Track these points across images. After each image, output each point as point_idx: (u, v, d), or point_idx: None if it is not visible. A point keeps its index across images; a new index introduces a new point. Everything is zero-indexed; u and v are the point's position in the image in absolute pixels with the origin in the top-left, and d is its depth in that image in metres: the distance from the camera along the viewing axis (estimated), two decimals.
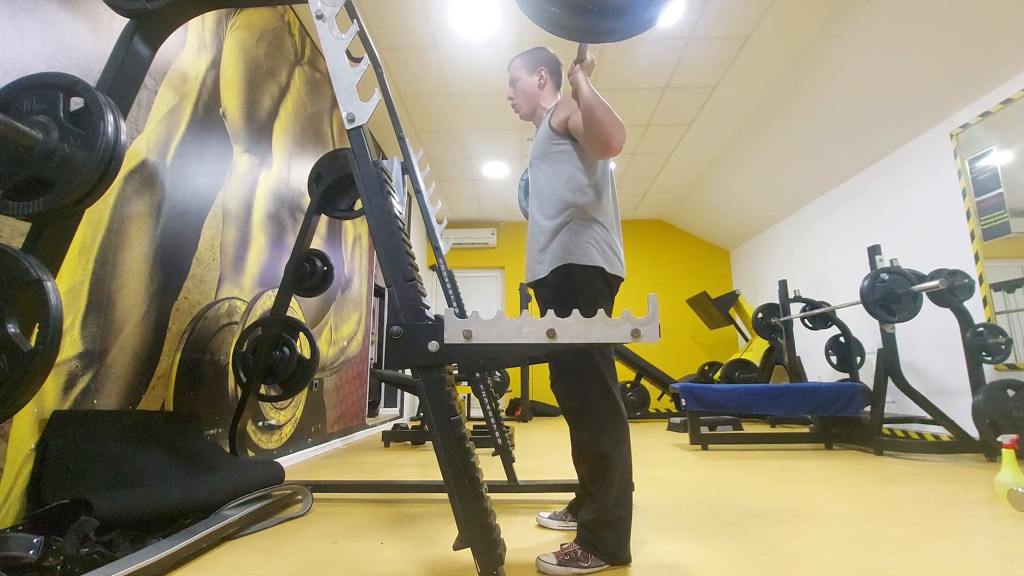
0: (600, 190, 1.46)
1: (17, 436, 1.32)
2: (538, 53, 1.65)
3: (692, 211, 6.69)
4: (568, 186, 1.44)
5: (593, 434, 1.33)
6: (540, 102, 1.63)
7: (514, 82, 1.66)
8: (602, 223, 1.43)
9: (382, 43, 3.50)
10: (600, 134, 1.30)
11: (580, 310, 1.05)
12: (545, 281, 1.43)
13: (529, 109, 1.65)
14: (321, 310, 3.43)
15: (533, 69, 1.63)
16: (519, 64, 1.65)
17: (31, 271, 1.01)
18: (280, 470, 1.97)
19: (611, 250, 1.43)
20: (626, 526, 1.29)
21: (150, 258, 1.84)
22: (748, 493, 2.10)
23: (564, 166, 1.46)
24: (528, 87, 1.63)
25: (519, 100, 1.66)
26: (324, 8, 1.20)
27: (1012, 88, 3.04)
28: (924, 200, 3.74)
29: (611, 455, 1.30)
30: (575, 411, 1.37)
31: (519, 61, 1.66)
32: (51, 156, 1.06)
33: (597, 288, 1.39)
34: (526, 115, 1.67)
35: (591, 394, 1.34)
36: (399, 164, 2.28)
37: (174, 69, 2.01)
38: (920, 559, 1.31)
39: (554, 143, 1.48)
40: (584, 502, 1.35)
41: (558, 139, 1.47)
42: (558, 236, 1.41)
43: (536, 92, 1.63)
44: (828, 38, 3.37)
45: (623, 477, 1.31)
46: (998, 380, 2.77)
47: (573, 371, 1.36)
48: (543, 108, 1.63)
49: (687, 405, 3.40)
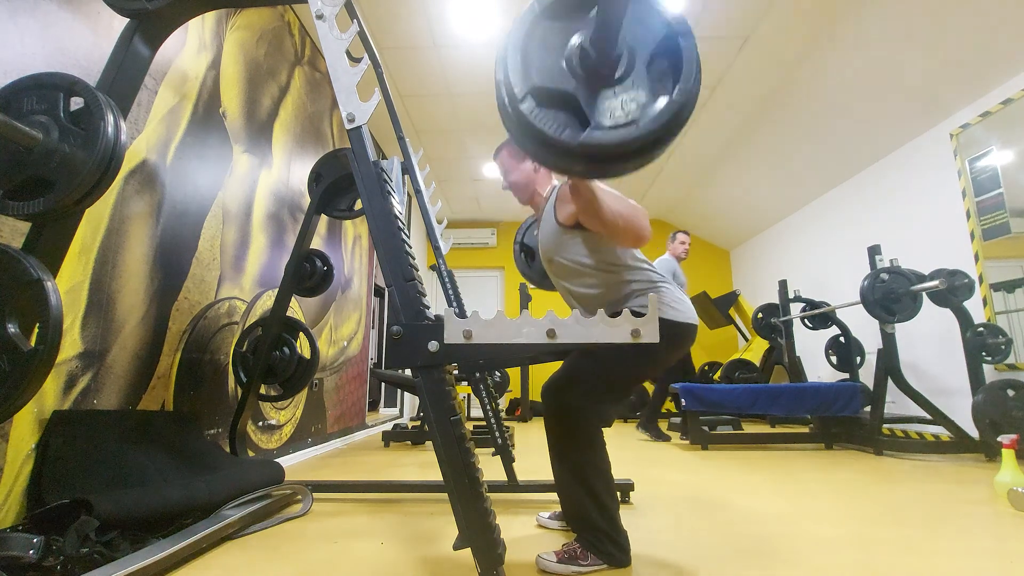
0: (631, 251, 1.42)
1: (17, 436, 1.32)
2: None
3: (692, 211, 6.69)
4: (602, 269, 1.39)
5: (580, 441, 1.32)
6: (536, 188, 1.58)
7: (506, 174, 1.60)
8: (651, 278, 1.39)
9: (382, 43, 3.50)
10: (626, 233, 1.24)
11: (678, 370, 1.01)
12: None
13: (527, 196, 1.60)
14: (321, 310, 3.43)
15: (523, 156, 1.56)
16: (506, 154, 1.59)
17: (31, 271, 1.01)
18: (280, 470, 1.97)
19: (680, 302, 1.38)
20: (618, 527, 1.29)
21: (150, 258, 1.84)
22: (748, 493, 2.10)
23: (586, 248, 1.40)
24: (521, 176, 1.57)
25: (515, 190, 1.60)
26: (324, 8, 1.20)
27: (1012, 88, 3.04)
28: (924, 200, 3.74)
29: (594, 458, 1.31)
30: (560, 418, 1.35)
31: (505, 152, 1.59)
32: (51, 156, 1.06)
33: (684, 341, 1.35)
34: (524, 202, 1.62)
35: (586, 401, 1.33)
36: (399, 164, 2.28)
37: (174, 69, 2.01)
38: (920, 559, 1.31)
39: (568, 236, 1.42)
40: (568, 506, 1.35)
41: (570, 233, 1.42)
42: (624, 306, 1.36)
43: (531, 179, 1.57)
44: (828, 38, 3.37)
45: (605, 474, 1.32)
46: (998, 380, 2.77)
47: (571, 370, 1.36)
48: (540, 194, 1.57)
49: (687, 405, 3.40)
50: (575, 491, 1.31)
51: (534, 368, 5.74)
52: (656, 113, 0.77)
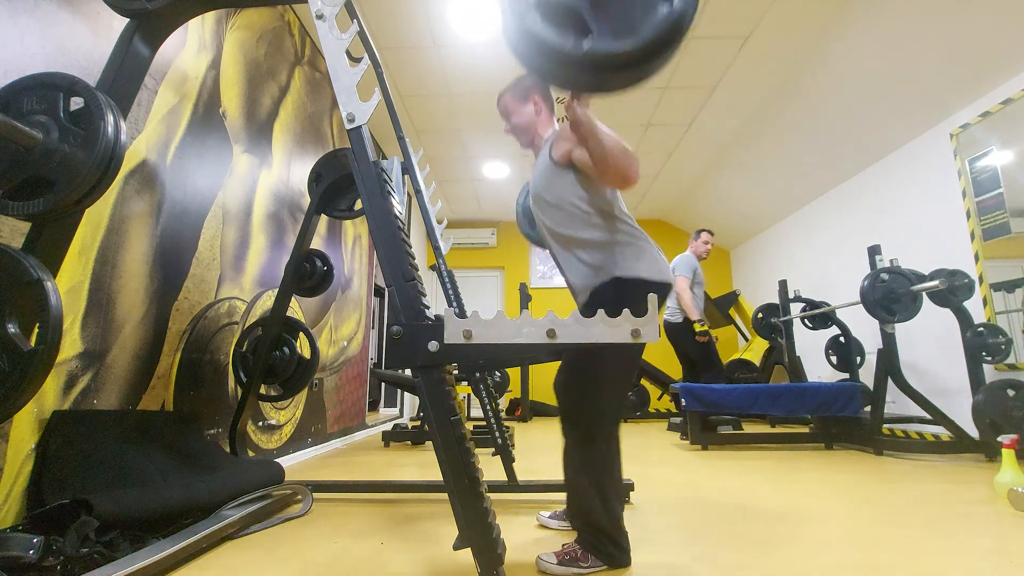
0: (617, 204, 1.44)
1: (17, 436, 1.32)
2: (527, 80, 1.60)
3: (692, 211, 6.69)
4: (587, 212, 1.40)
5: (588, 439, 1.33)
6: (538, 130, 1.59)
7: (508, 115, 1.61)
8: (629, 232, 1.40)
9: (382, 43, 3.50)
10: (615, 171, 1.26)
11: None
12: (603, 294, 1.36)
13: (528, 139, 1.61)
14: (321, 310, 3.43)
15: (525, 98, 1.58)
16: (509, 98, 1.60)
17: (31, 271, 1.01)
18: (280, 470, 1.97)
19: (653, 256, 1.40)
20: (620, 527, 1.29)
21: (150, 258, 1.84)
22: (748, 493, 2.10)
23: (574, 195, 1.41)
24: (523, 118, 1.58)
25: (517, 132, 1.61)
26: (324, 8, 1.20)
27: (1012, 88, 3.04)
28: (924, 200, 3.74)
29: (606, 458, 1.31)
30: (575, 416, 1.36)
31: (508, 95, 1.60)
32: (51, 156, 1.05)
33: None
34: (526, 144, 1.63)
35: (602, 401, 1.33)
36: (399, 164, 2.28)
37: (174, 69, 2.01)
38: (920, 559, 1.31)
39: (558, 176, 1.43)
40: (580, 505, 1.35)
41: (561, 171, 1.43)
42: (602, 254, 1.37)
43: (532, 121, 1.58)
44: (828, 38, 3.37)
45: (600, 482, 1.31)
46: (998, 380, 2.77)
47: (570, 370, 1.36)
48: (541, 137, 1.58)
49: (687, 405, 3.40)
50: (583, 487, 1.31)
51: (534, 368, 5.74)
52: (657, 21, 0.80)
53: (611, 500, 1.29)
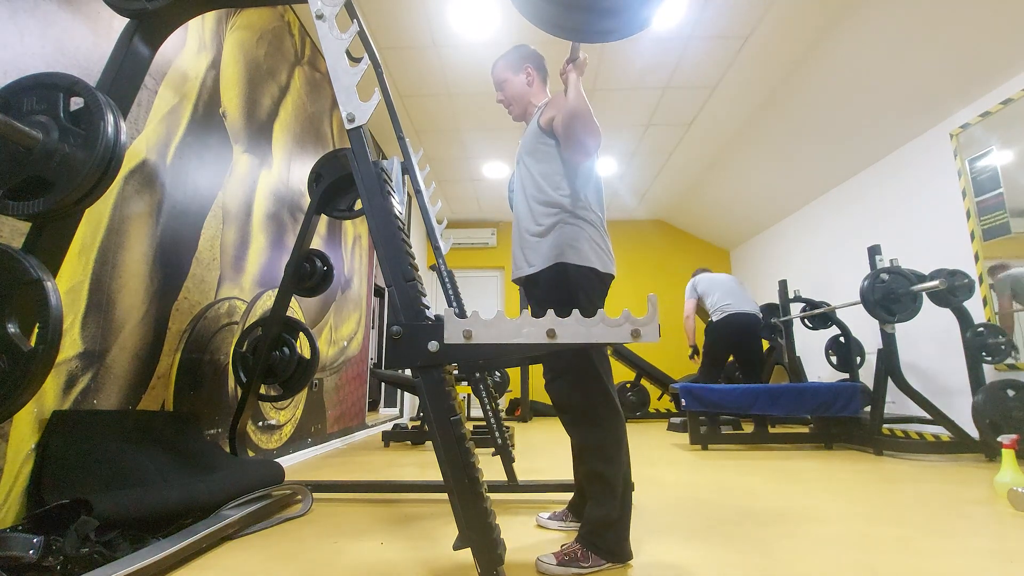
0: (588, 187, 1.46)
1: (17, 436, 1.32)
2: (521, 51, 1.63)
3: (692, 211, 6.69)
4: (557, 184, 1.44)
5: (595, 435, 1.33)
6: (531, 100, 1.62)
7: (501, 84, 1.64)
8: (591, 221, 1.43)
9: (382, 43, 3.50)
10: (576, 139, 1.33)
11: (579, 310, 1.05)
12: (538, 279, 1.42)
13: (521, 109, 1.63)
14: (321, 310, 3.43)
15: (519, 68, 1.61)
16: (503, 66, 1.63)
17: (31, 271, 1.01)
18: (280, 470, 1.97)
19: (603, 248, 1.43)
20: (627, 526, 1.29)
21: (150, 258, 1.84)
22: (748, 493, 2.10)
23: (553, 164, 1.45)
24: (517, 87, 1.61)
25: (510, 102, 1.64)
26: (324, 8, 1.20)
27: (1012, 88, 3.04)
28: (924, 200, 3.74)
29: (613, 456, 1.30)
30: (576, 412, 1.37)
31: (502, 63, 1.63)
32: (51, 156, 1.05)
33: (593, 287, 1.39)
34: (518, 116, 1.65)
35: (591, 395, 1.35)
36: (399, 164, 2.28)
37: (174, 69, 2.01)
38: (920, 559, 1.31)
39: (542, 141, 1.47)
40: (587, 502, 1.35)
41: (546, 137, 1.47)
42: (550, 234, 1.41)
43: (525, 91, 1.61)
44: (828, 38, 3.37)
45: (624, 477, 1.32)
46: (998, 380, 2.77)
47: (572, 372, 1.36)
48: (534, 106, 1.61)
49: (687, 405, 3.40)
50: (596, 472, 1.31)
51: (534, 368, 5.74)
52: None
53: (620, 488, 1.30)
